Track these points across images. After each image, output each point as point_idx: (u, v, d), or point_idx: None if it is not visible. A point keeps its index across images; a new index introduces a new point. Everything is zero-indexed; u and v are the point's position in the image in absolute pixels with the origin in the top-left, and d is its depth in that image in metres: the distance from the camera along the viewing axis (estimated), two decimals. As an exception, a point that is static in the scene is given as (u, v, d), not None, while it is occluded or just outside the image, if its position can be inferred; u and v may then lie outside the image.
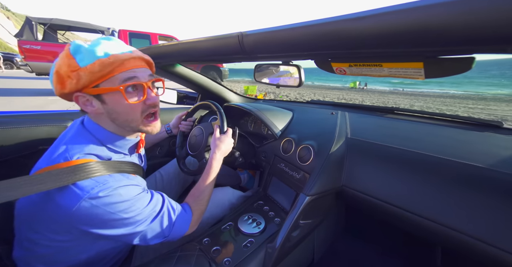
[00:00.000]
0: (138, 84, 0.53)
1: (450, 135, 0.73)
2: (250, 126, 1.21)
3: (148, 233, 0.54)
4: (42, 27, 5.21)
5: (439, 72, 0.36)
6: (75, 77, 0.47)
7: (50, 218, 0.48)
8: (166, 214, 0.57)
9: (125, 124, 0.56)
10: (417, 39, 0.30)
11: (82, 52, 0.48)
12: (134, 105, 0.53)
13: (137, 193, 0.52)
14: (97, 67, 0.47)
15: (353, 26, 0.36)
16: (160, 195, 0.60)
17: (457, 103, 9.15)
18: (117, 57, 0.49)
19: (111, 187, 0.48)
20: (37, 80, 7.95)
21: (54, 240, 0.50)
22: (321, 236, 0.94)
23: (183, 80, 1.22)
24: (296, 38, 0.45)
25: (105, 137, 0.56)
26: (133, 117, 0.55)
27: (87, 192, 0.45)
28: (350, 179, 0.74)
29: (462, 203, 0.52)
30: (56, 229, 0.49)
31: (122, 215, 0.48)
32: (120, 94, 0.51)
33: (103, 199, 0.46)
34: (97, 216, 0.46)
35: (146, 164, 0.79)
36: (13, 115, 0.87)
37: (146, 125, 0.58)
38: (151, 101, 0.56)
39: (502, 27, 0.22)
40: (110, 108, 0.53)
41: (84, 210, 0.45)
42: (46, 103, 4.49)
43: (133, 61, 0.53)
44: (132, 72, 0.52)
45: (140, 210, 0.51)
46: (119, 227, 0.49)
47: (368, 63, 0.47)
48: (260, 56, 0.61)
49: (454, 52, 0.31)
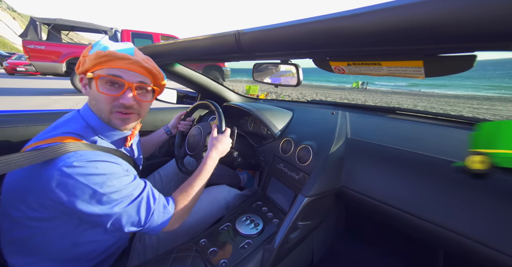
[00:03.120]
0: (118, 81, 0.56)
1: (453, 135, 0.71)
2: (250, 126, 1.21)
3: (123, 217, 0.51)
4: (46, 27, 5.27)
5: (440, 71, 0.35)
6: (83, 62, 0.57)
7: (29, 191, 0.48)
8: (145, 200, 0.55)
9: (97, 113, 0.59)
10: (416, 36, 0.29)
11: (97, 45, 0.57)
12: (104, 97, 0.56)
13: (116, 170, 0.52)
14: (93, 56, 0.55)
15: (351, 24, 0.35)
16: (143, 181, 0.59)
17: (462, 103, 9.04)
18: (111, 53, 0.55)
19: (88, 159, 0.48)
20: (42, 80, 8.05)
21: (33, 218, 0.49)
22: (320, 238, 0.92)
23: (182, 80, 1.22)
24: (294, 36, 0.44)
25: (94, 122, 0.59)
26: (101, 108, 0.57)
27: (62, 160, 0.46)
28: (350, 180, 0.73)
29: (463, 205, 0.51)
30: (34, 204, 0.48)
31: (97, 189, 0.47)
32: (98, 83, 0.56)
33: (77, 169, 0.46)
34: (71, 186, 0.45)
35: (140, 158, 0.78)
36: (10, 114, 0.88)
37: (115, 119, 0.59)
38: (123, 100, 0.57)
39: (505, 22, 0.21)
40: (91, 94, 0.58)
41: (58, 179, 0.45)
42: (49, 102, 4.54)
43: (127, 62, 0.57)
44: (119, 71, 0.56)
45: (116, 187, 0.50)
46: (93, 204, 0.48)
47: (367, 62, 0.46)
48: (258, 55, 0.61)
49: (454, 49, 0.30)
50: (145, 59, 0.61)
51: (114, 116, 0.59)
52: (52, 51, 5.10)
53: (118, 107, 0.58)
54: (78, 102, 4.50)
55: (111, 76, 0.55)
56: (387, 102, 8.68)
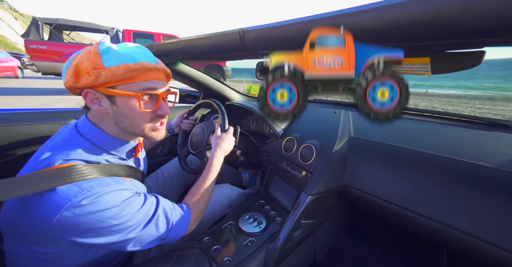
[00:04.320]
0: (154, 94, 0.54)
1: (457, 134, 0.71)
2: (252, 125, 1.21)
3: (143, 238, 0.51)
4: (48, 27, 5.28)
5: (447, 68, 0.35)
6: (94, 74, 0.47)
7: (30, 228, 0.44)
8: (162, 216, 0.55)
9: (128, 129, 0.54)
10: (422, 32, 0.29)
11: (110, 53, 0.48)
12: (144, 113, 0.54)
13: (127, 197, 0.49)
14: (122, 70, 0.48)
15: (356, 21, 0.35)
16: (154, 197, 0.57)
17: (464, 103, 9.00)
18: (143, 65, 0.50)
19: (96, 193, 0.44)
20: (43, 80, 8.08)
21: (39, 252, 0.46)
22: (323, 236, 0.92)
23: (185, 79, 1.22)
24: (299, 34, 0.45)
25: (102, 139, 0.54)
26: (139, 124, 0.55)
27: (68, 200, 0.41)
28: (353, 179, 0.72)
29: (468, 204, 0.51)
30: (38, 241, 0.45)
31: (111, 222, 0.45)
32: (135, 100, 0.51)
33: (87, 207, 0.42)
34: (83, 224, 0.43)
35: (146, 168, 0.76)
36: (14, 113, 0.88)
37: (152, 131, 0.57)
38: (162, 111, 0.56)
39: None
40: (119, 111, 0.52)
41: (66, 220, 0.41)
42: (51, 102, 4.55)
43: (157, 72, 0.54)
44: (153, 83, 0.53)
45: (131, 215, 0.48)
46: (109, 235, 0.46)
47: (372, 59, 0.45)
48: (262, 53, 0.61)
49: (462, 45, 0.30)
50: (163, 63, 0.59)
51: (154, 130, 0.57)
52: (54, 51, 5.12)
53: (155, 119, 0.57)
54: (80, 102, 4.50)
55: (152, 91, 0.53)
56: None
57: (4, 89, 5.74)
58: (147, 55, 0.54)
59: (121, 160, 0.59)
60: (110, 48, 0.49)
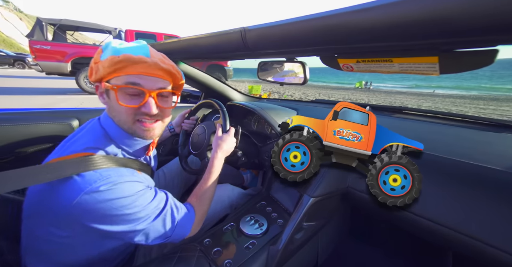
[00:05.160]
0: (138, 90, 0.52)
1: (462, 135, 0.70)
2: (254, 125, 1.20)
3: (150, 232, 0.53)
4: (52, 27, 5.33)
5: (456, 67, 0.34)
6: (96, 69, 0.52)
7: (52, 211, 0.48)
8: (169, 213, 0.56)
9: (119, 124, 0.55)
10: (431, 29, 0.28)
11: (108, 48, 0.51)
12: (126, 109, 0.52)
13: (140, 189, 0.52)
14: (107, 63, 0.49)
15: (360, 18, 0.33)
16: (164, 193, 0.59)
17: (468, 103, 8.89)
18: (126, 57, 0.49)
19: (114, 181, 0.47)
20: (47, 79, 8.15)
21: (56, 235, 0.49)
22: (325, 239, 0.91)
23: (186, 79, 1.21)
24: (301, 33, 0.43)
25: (115, 133, 0.56)
26: (123, 119, 0.54)
27: (89, 184, 0.45)
28: (356, 181, 0.71)
29: (472, 206, 0.49)
30: (57, 223, 0.48)
31: (124, 211, 0.48)
32: (117, 94, 0.51)
33: (104, 193, 0.46)
34: (99, 210, 0.46)
35: (156, 165, 0.78)
36: (17, 112, 0.88)
37: (138, 128, 0.55)
38: (145, 109, 0.53)
39: None
40: (110, 105, 0.55)
41: (85, 204, 0.45)
42: (56, 101, 4.58)
43: (145, 67, 0.51)
44: (137, 78, 0.51)
45: (142, 206, 0.51)
46: (121, 224, 0.49)
47: (377, 59, 0.44)
48: (264, 52, 0.60)
49: (474, 43, 0.29)
50: (162, 59, 0.55)
51: (138, 127, 0.55)
52: (57, 51, 5.15)
53: (141, 116, 0.54)
54: (83, 101, 4.54)
55: (130, 85, 0.51)
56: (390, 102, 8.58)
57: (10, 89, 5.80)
58: (136, 48, 0.52)
59: (134, 157, 0.61)
60: (109, 44, 0.51)
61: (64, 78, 7.55)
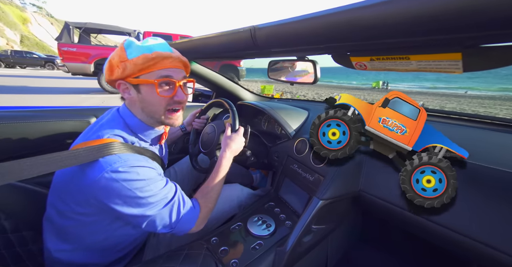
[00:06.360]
0: (170, 81, 0.59)
1: (485, 138, 0.64)
2: (264, 125, 1.19)
3: (157, 219, 0.56)
4: (78, 31, 5.68)
5: (482, 64, 0.30)
6: (122, 67, 0.55)
7: (76, 188, 0.53)
8: (176, 203, 0.59)
9: (151, 114, 0.62)
10: (455, 22, 0.25)
11: (132, 47, 0.56)
12: (162, 99, 0.59)
13: (154, 175, 0.56)
14: (141, 60, 0.54)
15: (375, 13, 0.31)
16: (173, 184, 0.62)
17: (498, 105, 8.21)
18: (158, 54, 0.55)
19: (131, 164, 0.52)
20: (73, 80, 8.72)
21: (77, 212, 0.55)
22: (335, 243, 0.88)
23: (198, 78, 1.23)
24: (311, 30, 0.42)
25: (134, 123, 0.62)
26: (157, 109, 0.61)
27: (109, 164, 0.50)
28: (369, 184, 0.68)
29: (500, 218, 0.45)
30: (79, 200, 0.54)
31: (137, 193, 0.52)
32: (153, 87, 0.57)
33: (122, 174, 0.50)
34: (114, 189, 0.50)
35: (167, 157, 0.82)
36: (40, 110, 0.94)
37: (168, 118, 0.63)
38: (178, 98, 0.61)
39: None
40: (143, 98, 0.59)
41: (104, 181, 0.50)
42: (79, 100, 4.88)
43: (172, 61, 0.59)
44: (168, 71, 0.59)
45: (154, 192, 0.54)
46: (133, 206, 0.52)
47: (393, 56, 0.42)
48: (274, 51, 0.59)
49: (504, 38, 0.25)
50: (179, 53, 0.63)
51: (168, 115, 0.62)
52: (82, 53, 5.48)
53: (172, 105, 0.62)
54: (104, 100, 4.79)
55: (166, 78, 0.58)
56: (410, 103, 8.13)
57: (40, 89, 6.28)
58: (162, 45, 0.59)
59: (148, 145, 0.66)
60: (132, 43, 0.57)
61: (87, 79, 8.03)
